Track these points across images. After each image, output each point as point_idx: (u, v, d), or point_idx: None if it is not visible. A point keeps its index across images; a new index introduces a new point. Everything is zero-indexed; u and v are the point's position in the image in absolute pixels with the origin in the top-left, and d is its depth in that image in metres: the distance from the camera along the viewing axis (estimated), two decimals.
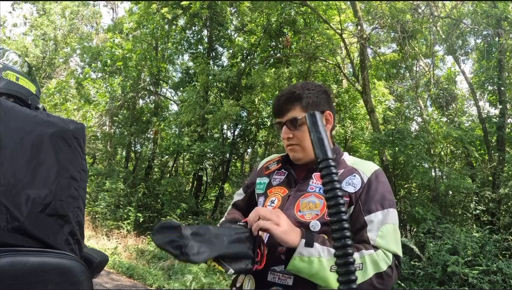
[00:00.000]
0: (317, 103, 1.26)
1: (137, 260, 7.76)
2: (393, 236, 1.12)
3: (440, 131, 8.69)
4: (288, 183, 1.30)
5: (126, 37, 11.18)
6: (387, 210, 1.14)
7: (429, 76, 9.19)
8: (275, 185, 1.33)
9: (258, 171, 1.46)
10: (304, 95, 1.25)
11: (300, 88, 1.27)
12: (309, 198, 1.20)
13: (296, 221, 1.15)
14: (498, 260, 5.94)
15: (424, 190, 8.69)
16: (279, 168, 1.37)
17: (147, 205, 10.55)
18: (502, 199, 7.48)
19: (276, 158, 1.43)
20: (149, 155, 12.71)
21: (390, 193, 1.19)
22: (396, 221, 1.15)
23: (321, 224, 1.13)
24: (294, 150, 1.28)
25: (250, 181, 1.48)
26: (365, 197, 1.16)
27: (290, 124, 1.25)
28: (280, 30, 9.87)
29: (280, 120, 1.29)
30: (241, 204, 1.46)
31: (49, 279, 0.81)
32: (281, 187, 1.31)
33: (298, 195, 1.23)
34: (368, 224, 1.12)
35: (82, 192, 0.94)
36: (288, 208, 1.21)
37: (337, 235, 0.42)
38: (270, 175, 1.39)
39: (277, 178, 1.35)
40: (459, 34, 8.56)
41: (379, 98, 9.93)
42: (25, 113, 0.89)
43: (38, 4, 16.68)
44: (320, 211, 1.16)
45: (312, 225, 1.13)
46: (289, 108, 1.25)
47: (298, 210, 1.19)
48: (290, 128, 1.26)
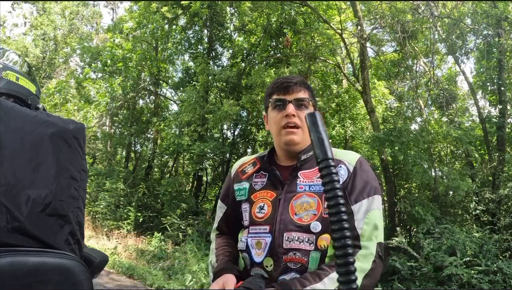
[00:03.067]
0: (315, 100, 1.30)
1: (137, 260, 7.76)
2: (378, 222, 1.13)
3: (440, 131, 8.69)
4: (273, 185, 1.24)
5: (126, 37, 11.18)
6: (372, 198, 1.15)
7: (429, 76, 9.18)
8: (258, 189, 1.27)
9: (234, 177, 1.38)
10: (309, 86, 1.29)
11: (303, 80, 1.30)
12: (301, 199, 1.17)
13: (295, 226, 1.14)
14: (498, 260, 5.94)
15: (424, 190, 8.69)
16: (257, 170, 1.31)
17: (147, 205, 10.55)
18: (502, 200, 7.48)
19: (251, 160, 1.36)
20: (149, 155, 12.71)
21: (375, 180, 1.19)
22: (380, 207, 1.17)
23: (321, 224, 1.12)
24: (294, 132, 1.21)
25: (226, 190, 1.39)
26: (351, 187, 1.16)
27: (297, 103, 1.22)
28: (280, 30, 9.87)
29: (284, 98, 1.24)
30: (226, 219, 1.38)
31: (49, 279, 0.81)
32: (267, 190, 1.25)
33: (289, 197, 1.19)
34: (355, 213, 1.12)
35: (82, 192, 0.94)
36: (283, 213, 1.17)
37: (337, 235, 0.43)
38: (249, 178, 1.31)
39: (259, 181, 1.29)
40: (459, 34, 8.56)
41: (379, 98, 9.93)
42: (25, 113, 0.89)
43: (38, 4, 16.68)
44: (317, 210, 1.14)
45: (313, 227, 1.12)
46: (299, 89, 1.24)
47: (294, 213, 1.16)
48: (296, 107, 1.22)
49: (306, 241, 1.12)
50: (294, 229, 1.14)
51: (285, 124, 1.21)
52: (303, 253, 1.12)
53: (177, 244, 8.34)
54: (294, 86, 1.23)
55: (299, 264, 1.12)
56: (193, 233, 8.23)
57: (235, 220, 1.34)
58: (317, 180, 1.19)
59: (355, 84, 8.73)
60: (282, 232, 1.15)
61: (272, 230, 1.17)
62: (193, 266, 6.47)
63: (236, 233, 1.35)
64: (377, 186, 1.18)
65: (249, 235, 1.23)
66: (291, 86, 1.23)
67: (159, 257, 7.81)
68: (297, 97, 1.22)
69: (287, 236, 1.14)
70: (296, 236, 1.13)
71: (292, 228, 1.14)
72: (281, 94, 1.24)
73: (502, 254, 6.32)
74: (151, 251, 8.09)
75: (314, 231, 1.11)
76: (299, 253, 1.12)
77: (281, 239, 1.15)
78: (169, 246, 8.28)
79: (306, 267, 1.11)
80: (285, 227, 1.15)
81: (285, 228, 1.15)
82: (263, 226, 1.20)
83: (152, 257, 7.86)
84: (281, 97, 1.24)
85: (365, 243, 1.09)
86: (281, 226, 1.16)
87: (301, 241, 1.13)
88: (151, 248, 8.25)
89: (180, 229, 8.68)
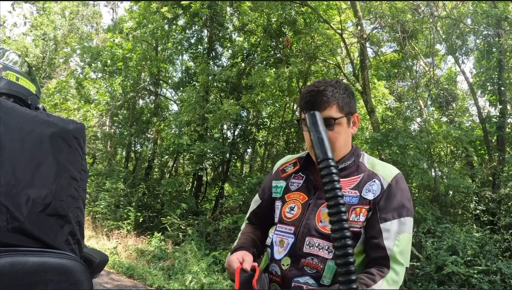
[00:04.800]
0: (350, 105, 1.22)
1: (137, 260, 7.76)
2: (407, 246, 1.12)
3: (440, 131, 8.69)
4: (307, 189, 1.26)
5: (126, 37, 11.18)
6: (404, 219, 1.13)
7: (429, 76, 9.18)
8: (293, 190, 1.29)
9: (274, 174, 1.41)
10: (340, 95, 1.20)
11: (336, 86, 1.21)
12: None
13: (318, 233, 1.15)
14: (498, 260, 5.94)
15: (424, 190, 8.69)
16: (296, 171, 1.32)
17: (147, 205, 10.55)
18: (502, 199, 7.48)
19: (293, 160, 1.37)
20: (149, 155, 12.70)
21: (409, 201, 1.17)
22: (411, 230, 1.14)
23: None
24: None
25: (265, 185, 1.42)
26: (384, 205, 1.14)
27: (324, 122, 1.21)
28: (280, 30, 9.86)
29: None
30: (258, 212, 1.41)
31: (49, 279, 0.81)
32: (300, 193, 1.27)
33: (319, 203, 1.20)
34: (384, 232, 1.11)
35: (82, 192, 0.94)
36: (309, 218, 1.19)
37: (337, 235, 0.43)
38: (287, 178, 1.34)
39: (295, 182, 1.31)
40: (459, 34, 8.56)
41: (379, 98, 9.93)
42: (25, 113, 0.89)
43: (38, 4, 16.67)
44: None
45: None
46: (326, 106, 1.17)
47: (320, 220, 1.17)
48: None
49: (326, 249, 1.14)
50: (317, 235, 1.16)
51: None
52: (321, 260, 1.13)
53: (177, 244, 8.34)
54: (321, 104, 1.17)
55: (315, 270, 1.14)
56: (193, 233, 8.23)
57: (266, 214, 1.37)
58: (350, 191, 1.18)
59: (355, 84, 8.73)
60: (305, 236, 1.18)
61: (296, 232, 1.20)
62: (193, 266, 6.47)
63: (265, 226, 1.38)
64: (410, 208, 1.16)
65: (275, 232, 1.27)
66: (317, 104, 1.17)
67: (159, 257, 7.81)
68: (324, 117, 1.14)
69: (309, 241, 1.17)
70: (317, 243, 1.15)
71: (314, 234, 1.16)
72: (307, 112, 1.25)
73: (502, 254, 6.32)
74: (151, 251, 8.09)
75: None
76: (317, 259, 1.14)
77: (303, 242, 1.17)
78: (169, 246, 8.29)
79: (321, 275, 1.12)
80: (308, 231, 1.17)
81: (308, 233, 1.17)
82: (289, 226, 1.23)
83: (152, 257, 7.86)
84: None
85: (395, 267, 1.08)
86: (305, 230, 1.18)
87: (320, 248, 1.14)
88: (151, 248, 8.25)
89: (180, 229, 8.69)
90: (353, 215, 1.14)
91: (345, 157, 1.24)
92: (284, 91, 10.01)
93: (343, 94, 1.21)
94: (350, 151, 1.26)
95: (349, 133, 1.25)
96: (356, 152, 1.28)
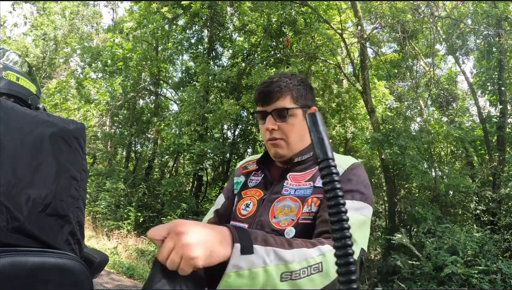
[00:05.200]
0: (306, 97, 1.17)
1: (137, 260, 7.76)
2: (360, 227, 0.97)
3: (441, 131, 8.69)
4: (265, 185, 1.19)
5: (126, 37, 11.18)
6: (357, 202, 1.00)
7: (430, 76, 9.18)
8: (251, 187, 1.23)
9: (236, 171, 1.36)
10: (295, 86, 1.15)
11: (290, 78, 1.16)
12: (284, 202, 1.09)
13: (271, 229, 1.05)
14: (498, 260, 5.94)
15: (424, 190, 8.69)
16: (257, 169, 1.27)
17: (147, 205, 10.55)
18: (502, 199, 7.48)
19: (256, 159, 1.31)
20: (149, 155, 12.72)
21: (366, 188, 1.04)
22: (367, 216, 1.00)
23: (295, 230, 1.03)
24: (278, 145, 1.14)
25: (230, 183, 1.35)
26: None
27: (277, 114, 1.13)
28: (281, 30, 9.87)
29: (264, 109, 1.15)
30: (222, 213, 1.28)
31: (50, 279, 0.81)
32: (257, 189, 1.20)
33: (273, 198, 1.12)
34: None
35: (83, 192, 0.94)
36: (262, 214, 1.11)
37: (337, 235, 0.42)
38: (248, 175, 1.28)
39: (254, 179, 1.25)
40: (459, 34, 8.56)
41: (379, 98, 9.93)
42: (25, 113, 0.89)
43: (38, 4, 16.68)
44: (296, 216, 1.05)
45: (287, 232, 1.03)
46: (279, 96, 1.12)
47: (273, 216, 1.08)
48: (276, 119, 1.13)
49: None
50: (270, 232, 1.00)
51: (268, 138, 1.15)
52: None
53: None
54: (275, 94, 1.13)
55: None
56: None
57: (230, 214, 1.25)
58: (305, 184, 1.11)
59: (356, 84, 8.73)
60: None
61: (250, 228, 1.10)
62: None
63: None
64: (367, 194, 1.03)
65: None
66: (269, 95, 1.13)
67: None
68: (277, 108, 1.12)
69: None
70: None
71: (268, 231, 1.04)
72: (261, 104, 1.16)
73: (502, 254, 6.32)
74: (152, 251, 8.09)
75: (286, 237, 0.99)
76: None
77: None
78: None
79: None
80: (261, 229, 1.07)
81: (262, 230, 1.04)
82: (242, 223, 1.15)
83: (152, 257, 7.86)
84: (261, 109, 1.16)
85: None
86: (257, 227, 1.09)
87: None
88: (151, 248, 8.26)
89: None
90: (305, 207, 1.05)
91: (303, 151, 1.17)
92: None
93: (298, 85, 1.16)
94: (309, 145, 1.18)
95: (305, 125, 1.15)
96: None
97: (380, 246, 8.35)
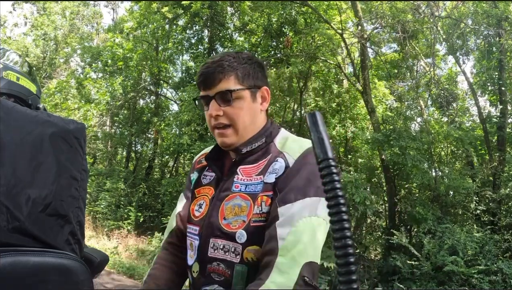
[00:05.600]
0: (254, 76, 1.04)
1: (137, 260, 7.77)
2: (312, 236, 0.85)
3: (441, 131, 8.69)
4: (217, 181, 1.07)
5: (127, 37, 11.19)
6: (310, 199, 0.87)
7: (430, 76, 9.18)
8: (204, 184, 1.11)
9: (192, 166, 1.22)
10: (240, 64, 1.02)
11: (234, 57, 1.03)
12: (234, 201, 0.97)
13: (221, 232, 0.96)
14: (498, 260, 5.94)
15: (425, 190, 8.69)
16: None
17: (148, 205, 10.56)
18: (502, 199, 7.48)
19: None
20: (149, 155, 12.72)
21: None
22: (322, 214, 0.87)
23: (247, 234, 0.92)
24: (224, 134, 1.01)
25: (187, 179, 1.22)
26: (284, 183, 0.92)
27: (221, 98, 0.99)
28: (281, 30, 9.87)
29: (207, 93, 1.02)
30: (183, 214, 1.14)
31: (50, 279, 0.81)
32: (210, 186, 1.08)
33: (222, 197, 1.00)
34: (280, 217, 0.87)
35: (83, 192, 0.94)
36: (212, 215, 0.99)
37: (337, 235, 0.42)
38: (201, 170, 1.15)
39: (208, 175, 1.12)
40: (460, 34, 8.56)
41: (379, 98, 9.93)
42: (25, 113, 0.89)
43: (39, 4, 16.69)
44: (247, 217, 0.94)
45: (238, 236, 0.93)
46: (221, 78, 0.99)
47: (223, 217, 0.97)
48: (220, 104, 0.99)
49: (232, 252, 0.93)
50: (220, 235, 0.96)
51: (212, 125, 1.02)
52: (227, 264, 0.94)
53: None
54: (216, 76, 0.99)
55: (223, 277, 0.94)
56: None
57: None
58: (256, 178, 0.98)
59: (356, 84, 8.73)
60: (209, 237, 0.98)
61: (200, 232, 1.01)
62: None
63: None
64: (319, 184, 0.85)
65: (187, 234, 1.08)
66: (210, 76, 1.00)
67: None
68: (219, 91, 0.99)
69: (213, 243, 0.97)
70: (222, 245, 0.95)
71: (218, 234, 0.96)
72: (203, 88, 1.03)
73: (502, 254, 6.32)
74: (152, 251, 8.09)
75: (238, 242, 0.93)
76: (223, 264, 0.94)
77: (207, 245, 0.98)
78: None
79: (230, 282, 0.93)
80: (211, 232, 0.98)
81: (212, 233, 0.98)
82: (195, 226, 1.05)
83: (153, 257, 7.84)
84: (203, 93, 1.03)
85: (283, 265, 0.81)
86: (208, 230, 0.99)
87: (226, 250, 0.94)
88: (151, 248, 8.26)
89: None
90: (255, 206, 0.94)
91: (253, 138, 1.03)
92: (285, 91, 10.02)
93: (243, 63, 1.02)
94: (260, 131, 1.05)
95: (256, 109, 1.04)
96: (268, 131, 1.05)
97: (380, 246, 8.35)
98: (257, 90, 1.05)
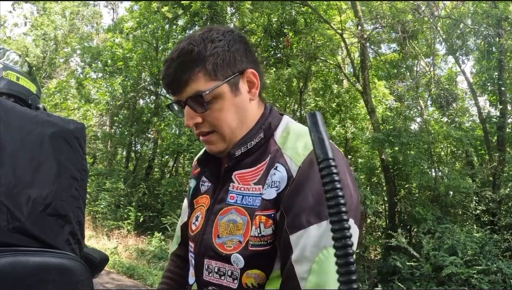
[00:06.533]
0: (230, 62, 0.81)
1: (137, 260, 7.77)
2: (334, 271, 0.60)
3: (441, 131, 8.70)
4: (214, 189, 0.91)
5: (127, 37, 11.19)
6: (326, 223, 0.68)
7: (430, 76, 9.18)
8: (202, 192, 0.95)
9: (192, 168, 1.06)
10: (207, 52, 0.79)
11: (199, 42, 0.80)
12: (229, 215, 0.82)
13: (215, 253, 0.81)
14: (498, 260, 5.94)
15: (424, 190, 8.70)
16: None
17: (148, 205, 10.56)
18: (502, 200, 7.48)
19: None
20: (149, 155, 12.72)
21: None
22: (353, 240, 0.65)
23: (244, 259, 0.77)
24: (210, 141, 0.86)
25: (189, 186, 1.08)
26: (290, 202, 0.73)
27: (194, 103, 0.80)
28: (281, 30, 9.87)
29: (177, 99, 0.84)
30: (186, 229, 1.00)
31: (50, 279, 0.81)
32: (207, 195, 0.92)
33: (216, 210, 0.85)
34: (294, 249, 0.70)
35: (83, 192, 0.94)
36: (206, 231, 0.85)
37: (337, 235, 0.43)
38: (199, 176, 0.99)
39: (206, 181, 0.96)
40: (460, 34, 8.57)
41: (379, 98, 9.93)
42: (25, 113, 0.89)
43: (39, 4, 16.69)
44: (243, 237, 0.78)
45: (234, 261, 0.78)
46: (188, 78, 0.79)
47: (217, 235, 0.82)
48: (195, 110, 0.81)
49: (229, 276, 0.79)
50: (214, 256, 0.82)
51: (196, 133, 0.87)
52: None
53: None
54: (181, 77, 0.79)
55: None
56: None
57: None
58: (254, 188, 0.81)
59: (356, 84, 8.73)
60: (202, 257, 0.85)
61: (195, 251, 0.88)
62: None
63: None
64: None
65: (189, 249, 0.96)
66: (174, 80, 0.80)
67: (159, 257, 7.81)
68: (191, 95, 0.80)
69: (207, 265, 0.83)
70: (216, 267, 0.81)
71: (212, 255, 0.82)
72: (171, 94, 0.84)
73: (502, 254, 6.32)
74: (152, 251, 8.10)
75: (235, 265, 0.78)
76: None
77: (202, 266, 0.85)
78: (170, 246, 8.30)
79: None
80: (205, 251, 0.84)
81: (205, 253, 0.84)
82: (192, 243, 0.92)
83: (153, 257, 7.86)
84: (174, 99, 0.85)
85: None
86: (201, 249, 0.85)
87: (222, 274, 0.80)
88: (151, 248, 8.26)
89: None
90: (253, 227, 0.77)
91: (247, 136, 0.84)
92: (284, 91, 10.03)
93: (212, 50, 0.79)
94: (256, 125, 0.86)
95: (243, 103, 0.84)
96: (266, 123, 0.86)
97: (380, 246, 8.35)
98: (239, 77, 0.83)
